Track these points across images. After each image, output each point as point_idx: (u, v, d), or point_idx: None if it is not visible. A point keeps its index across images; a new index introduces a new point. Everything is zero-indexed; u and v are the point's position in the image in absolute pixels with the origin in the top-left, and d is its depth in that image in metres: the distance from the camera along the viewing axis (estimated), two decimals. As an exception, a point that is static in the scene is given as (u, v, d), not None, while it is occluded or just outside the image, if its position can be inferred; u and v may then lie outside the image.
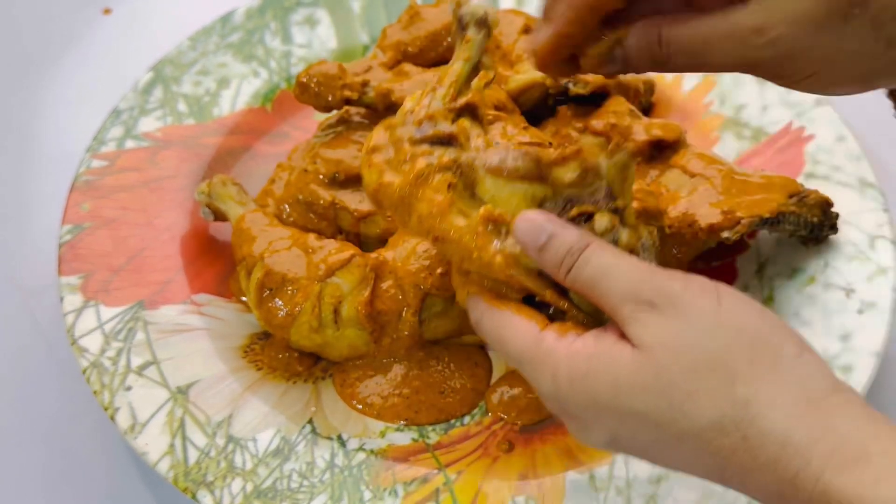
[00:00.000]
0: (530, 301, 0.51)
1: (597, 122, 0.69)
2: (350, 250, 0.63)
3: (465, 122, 0.54)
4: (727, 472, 0.43)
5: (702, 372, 0.43)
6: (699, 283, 0.45)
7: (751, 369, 0.43)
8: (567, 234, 0.47)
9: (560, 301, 0.49)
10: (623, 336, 0.45)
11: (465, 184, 0.52)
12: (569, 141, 0.69)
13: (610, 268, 0.45)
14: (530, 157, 0.50)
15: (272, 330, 0.63)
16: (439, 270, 0.61)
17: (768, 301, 0.66)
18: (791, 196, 0.65)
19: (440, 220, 0.51)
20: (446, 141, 0.53)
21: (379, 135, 0.55)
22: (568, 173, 0.50)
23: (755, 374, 0.43)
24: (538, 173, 0.50)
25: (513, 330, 0.48)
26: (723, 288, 0.45)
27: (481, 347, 0.65)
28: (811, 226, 0.65)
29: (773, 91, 0.75)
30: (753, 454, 0.42)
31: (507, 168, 0.51)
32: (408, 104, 0.56)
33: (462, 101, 0.55)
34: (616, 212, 0.49)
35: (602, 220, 0.49)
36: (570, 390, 0.45)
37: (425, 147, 0.53)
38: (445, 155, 0.52)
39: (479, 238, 0.50)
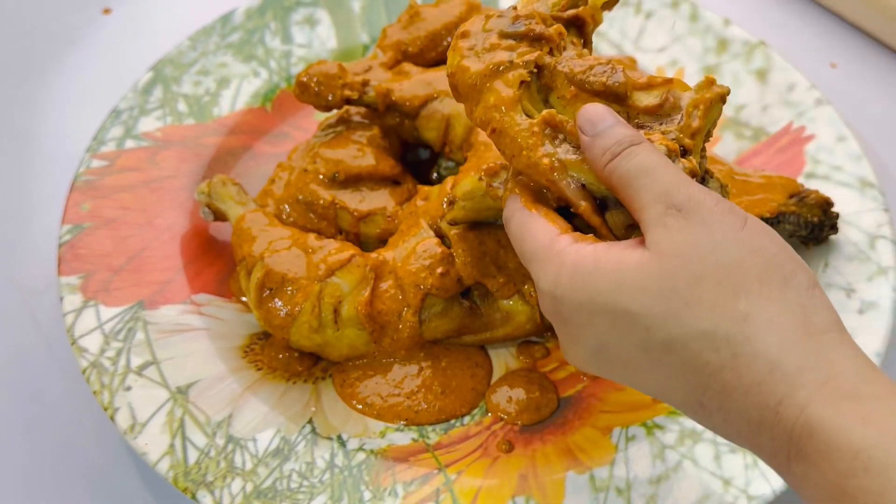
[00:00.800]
0: (566, 215, 0.50)
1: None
2: (350, 250, 0.63)
3: (562, 29, 0.53)
4: (708, 393, 0.42)
5: (708, 282, 0.42)
6: (731, 205, 0.45)
7: (758, 287, 0.42)
8: (625, 128, 0.47)
9: (593, 217, 0.48)
10: (637, 245, 0.45)
11: (540, 87, 0.52)
12: None
13: (652, 167, 0.45)
14: (617, 73, 0.50)
15: (272, 330, 0.63)
16: (439, 270, 0.61)
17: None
18: (791, 196, 0.65)
19: (503, 113, 0.50)
20: (535, 40, 0.53)
21: (474, 22, 0.54)
22: (648, 98, 0.50)
23: (761, 293, 0.42)
24: (618, 93, 0.50)
25: (534, 229, 0.48)
26: (752, 217, 0.45)
27: (481, 348, 0.65)
28: (811, 226, 0.65)
29: (774, 91, 0.75)
30: (739, 373, 0.41)
31: (590, 79, 0.50)
32: (519, 3, 0.55)
33: (572, 12, 0.54)
34: (682, 151, 0.49)
35: (659, 148, 0.48)
36: (570, 287, 0.45)
37: (511, 42, 0.52)
38: (528, 53, 0.52)
39: (533, 137, 0.49)
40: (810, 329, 0.41)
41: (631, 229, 0.48)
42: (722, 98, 0.51)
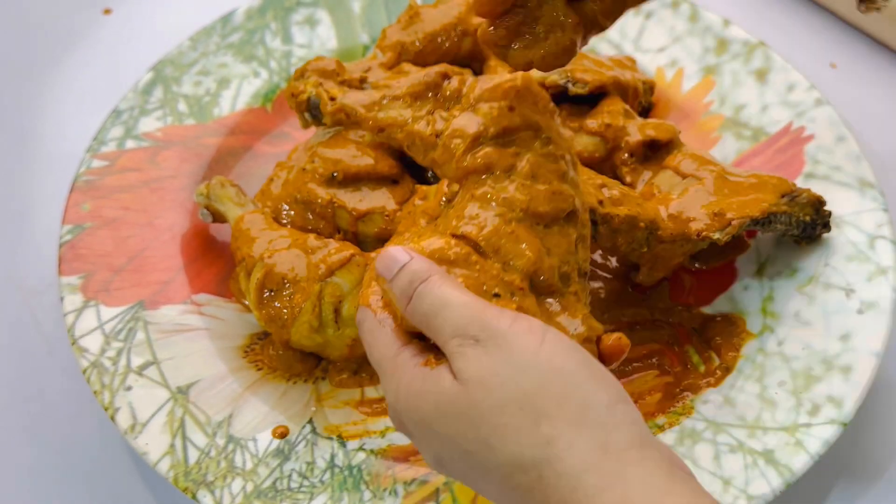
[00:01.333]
0: None
1: (591, 122, 0.69)
2: (350, 250, 0.63)
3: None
4: None
5: (510, 409, 0.44)
6: (528, 323, 0.46)
7: (558, 410, 0.43)
8: (414, 264, 0.48)
9: None
10: (450, 373, 0.46)
11: None
12: None
13: (444, 303, 0.46)
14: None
15: (273, 330, 0.63)
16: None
17: (768, 301, 0.66)
18: (783, 196, 0.65)
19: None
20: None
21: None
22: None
23: (561, 416, 0.43)
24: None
25: (380, 339, 0.50)
26: (551, 331, 0.46)
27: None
28: (803, 225, 0.65)
29: (773, 91, 0.75)
30: (546, 494, 0.43)
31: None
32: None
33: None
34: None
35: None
36: (406, 406, 0.47)
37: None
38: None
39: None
40: (610, 448, 0.43)
41: None
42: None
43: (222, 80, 0.78)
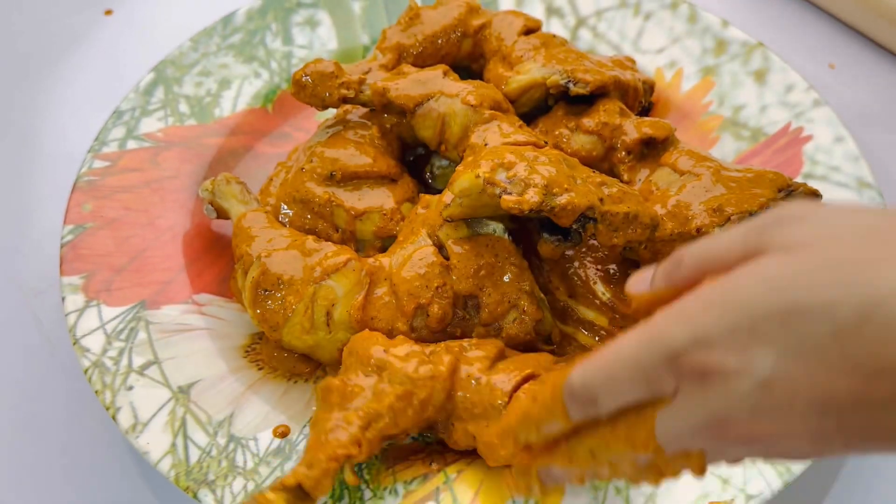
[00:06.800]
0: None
1: (588, 121, 0.69)
2: (346, 254, 0.63)
3: None
4: None
5: (873, 242, 0.37)
6: None
7: None
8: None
9: None
10: None
11: None
12: (560, 139, 0.70)
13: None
14: None
15: (265, 329, 0.63)
16: (436, 284, 0.61)
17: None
18: (780, 190, 0.65)
19: None
20: None
21: None
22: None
23: None
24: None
25: None
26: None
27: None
28: (801, 218, 0.66)
29: (772, 92, 0.76)
30: None
31: None
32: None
33: None
34: None
35: None
36: None
37: None
38: None
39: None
40: None
41: None
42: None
43: (223, 80, 0.78)
